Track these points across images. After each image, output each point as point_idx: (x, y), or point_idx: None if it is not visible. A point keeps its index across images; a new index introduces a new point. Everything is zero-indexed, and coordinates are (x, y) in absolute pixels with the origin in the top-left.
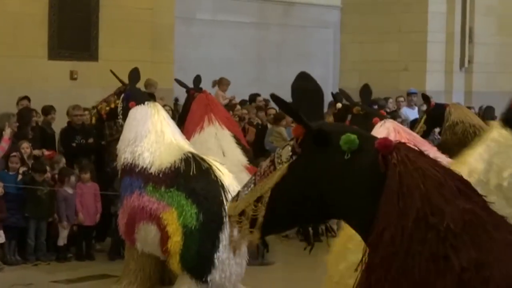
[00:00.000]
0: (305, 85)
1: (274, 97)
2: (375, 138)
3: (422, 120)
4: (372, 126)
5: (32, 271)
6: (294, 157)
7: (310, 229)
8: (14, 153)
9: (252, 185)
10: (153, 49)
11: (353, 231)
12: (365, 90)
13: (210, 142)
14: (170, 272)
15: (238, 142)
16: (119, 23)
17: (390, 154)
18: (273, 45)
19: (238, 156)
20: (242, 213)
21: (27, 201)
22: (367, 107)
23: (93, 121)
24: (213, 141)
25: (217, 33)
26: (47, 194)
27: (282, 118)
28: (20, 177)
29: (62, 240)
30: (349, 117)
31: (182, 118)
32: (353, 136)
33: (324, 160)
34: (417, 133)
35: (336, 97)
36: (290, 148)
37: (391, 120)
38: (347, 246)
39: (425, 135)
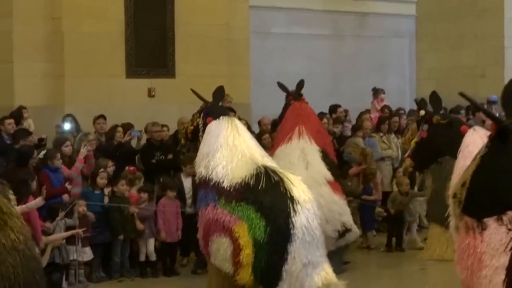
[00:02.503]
0: None
1: (464, 95)
2: None
3: None
4: (459, 135)
5: (117, 287)
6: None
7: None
8: (102, 169)
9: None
10: (229, 65)
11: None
12: (435, 98)
13: (294, 155)
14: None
15: (326, 156)
16: (195, 39)
17: None
18: (348, 57)
19: (321, 170)
20: (454, 196)
21: (113, 220)
22: (450, 115)
23: (183, 141)
24: (297, 155)
25: (292, 46)
26: (129, 211)
27: (359, 129)
28: (106, 198)
29: (143, 256)
30: (426, 127)
31: (278, 123)
32: None
33: (502, 153)
34: None
35: (421, 104)
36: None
37: (480, 128)
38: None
39: None
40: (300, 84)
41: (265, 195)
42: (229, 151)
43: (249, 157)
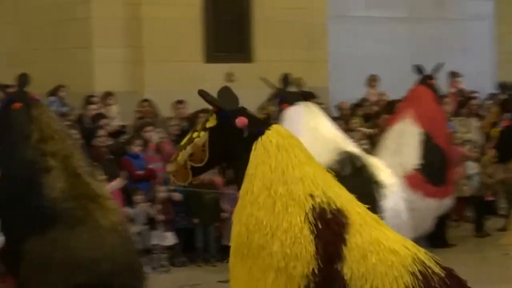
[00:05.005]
0: None
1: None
2: None
3: None
4: None
5: (199, 271)
6: None
7: None
8: None
9: None
10: (308, 49)
11: None
12: None
13: (390, 139)
14: None
15: (428, 140)
16: (273, 24)
17: None
18: (428, 40)
19: (404, 160)
20: None
21: (193, 206)
22: None
23: None
24: (392, 138)
25: (371, 29)
26: (213, 197)
27: None
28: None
29: (225, 240)
30: (509, 115)
31: None
32: None
33: None
34: None
35: (503, 87)
36: None
37: None
38: None
39: None
40: (438, 66)
41: (348, 181)
42: (311, 136)
43: (331, 142)
